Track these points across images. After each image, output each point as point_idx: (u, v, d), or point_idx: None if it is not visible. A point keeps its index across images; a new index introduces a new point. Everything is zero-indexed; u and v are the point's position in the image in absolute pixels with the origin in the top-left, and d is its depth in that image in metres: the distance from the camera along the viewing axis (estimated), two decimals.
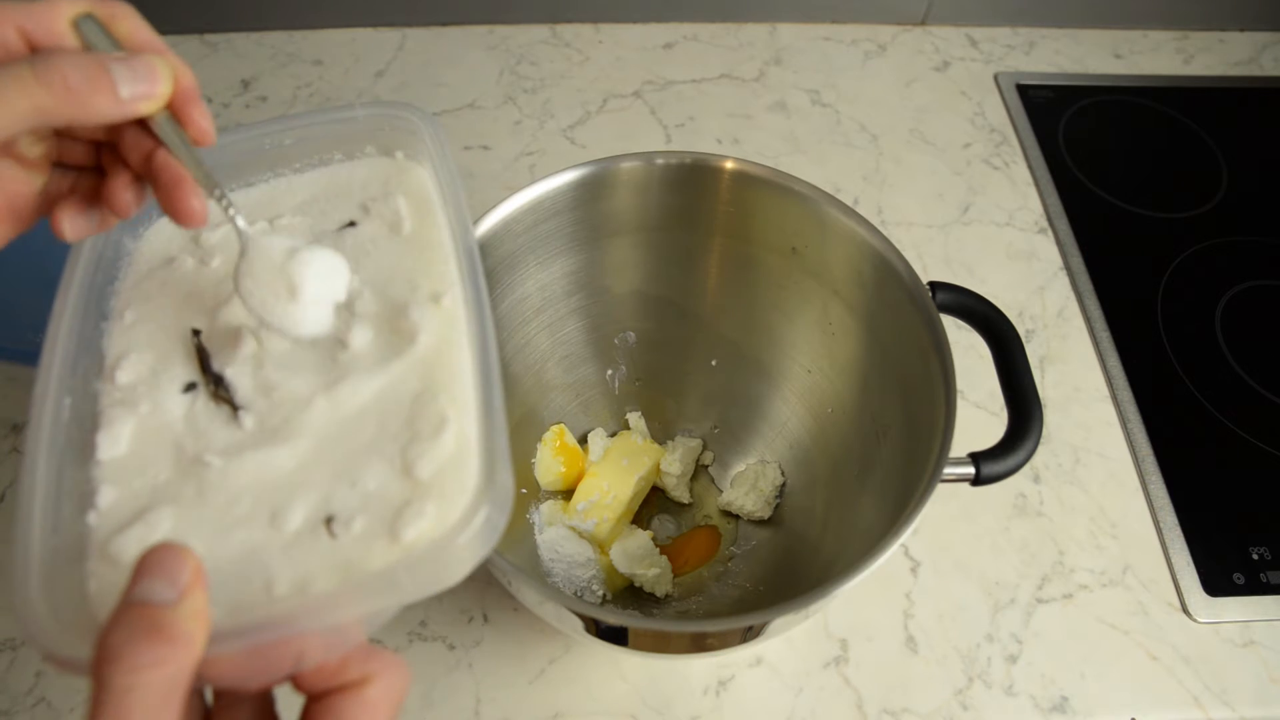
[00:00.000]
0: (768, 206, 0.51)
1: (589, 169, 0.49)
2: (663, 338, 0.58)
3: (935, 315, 0.45)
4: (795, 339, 0.55)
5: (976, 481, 0.43)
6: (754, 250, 0.53)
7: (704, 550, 0.56)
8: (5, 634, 0.52)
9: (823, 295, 0.52)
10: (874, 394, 0.50)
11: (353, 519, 0.27)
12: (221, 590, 0.26)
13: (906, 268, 0.46)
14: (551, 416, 0.58)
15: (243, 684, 0.26)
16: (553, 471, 0.56)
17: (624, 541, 0.54)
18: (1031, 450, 0.43)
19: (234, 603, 0.26)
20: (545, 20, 0.85)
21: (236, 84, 0.80)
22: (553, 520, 0.55)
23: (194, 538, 0.27)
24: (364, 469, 0.28)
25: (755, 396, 0.58)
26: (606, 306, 0.57)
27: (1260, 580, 0.56)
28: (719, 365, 0.58)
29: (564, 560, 0.53)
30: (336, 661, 0.25)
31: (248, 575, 0.27)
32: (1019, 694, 0.52)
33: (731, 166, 0.50)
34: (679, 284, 0.56)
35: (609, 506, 0.54)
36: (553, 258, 0.53)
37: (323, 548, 0.27)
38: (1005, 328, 0.46)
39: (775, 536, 0.56)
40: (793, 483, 0.56)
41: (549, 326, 0.56)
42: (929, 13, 0.86)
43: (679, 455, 0.57)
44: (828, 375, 0.54)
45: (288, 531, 0.27)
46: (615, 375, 0.59)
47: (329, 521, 0.27)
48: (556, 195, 0.49)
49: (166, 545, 0.24)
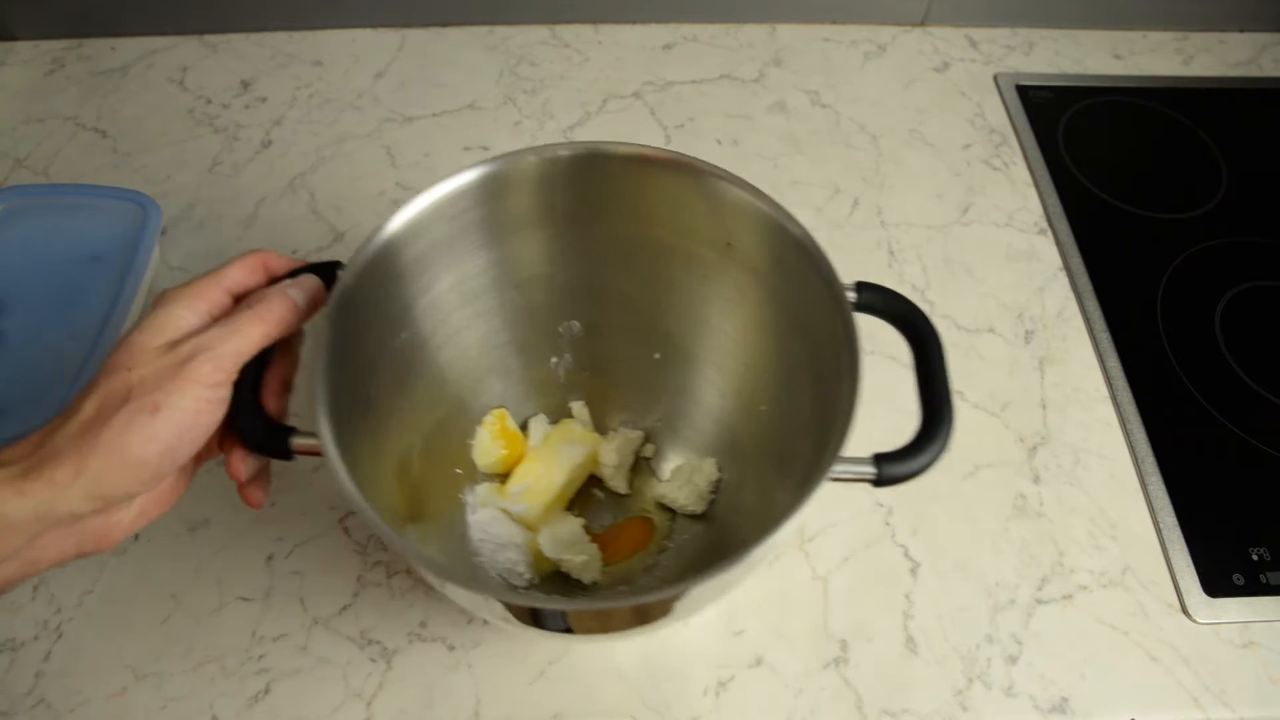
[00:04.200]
0: (681, 195, 0.50)
1: (494, 165, 0.49)
2: (608, 329, 0.58)
3: (847, 309, 0.44)
4: (733, 334, 0.55)
5: (878, 482, 0.42)
6: (688, 244, 0.53)
7: (635, 540, 0.56)
8: (5, 634, 0.52)
9: (757, 292, 0.52)
10: (803, 391, 0.49)
11: None
12: None
13: (825, 263, 0.46)
14: (493, 401, 0.58)
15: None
16: (493, 454, 0.56)
17: (554, 527, 0.54)
18: (937, 453, 0.42)
19: None
20: (545, 21, 0.85)
21: (236, 84, 0.80)
22: (487, 502, 0.55)
23: None
24: None
25: (695, 391, 0.58)
26: (549, 296, 0.56)
27: (1260, 581, 0.56)
28: (662, 359, 0.58)
29: (492, 541, 0.53)
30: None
31: None
32: (1019, 695, 0.52)
33: (626, 152, 0.50)
34: (621, 276, 0.56)
35: (541, 491, 0.54)
36: (486, 245, 0.52)
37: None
38: (925, 329, 0.46)
39: (708, 531, 0.56)
40: (729, 478, 0.56)
41: (484, 314, 0.55)
42: (928, 13, 0.86)
43: (616, 446, 0.57)
44: (762, 372, 0.54)
45: None
46: (560, 364, 0.59)
47: None
48: (463, 192, 0.49)
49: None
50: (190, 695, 0.50)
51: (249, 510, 0.57)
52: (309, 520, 0.56)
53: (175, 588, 0.54)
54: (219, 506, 0.57)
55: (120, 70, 0.80)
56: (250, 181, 0.73)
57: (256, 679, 0.51)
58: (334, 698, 0.50)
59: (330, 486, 0.57)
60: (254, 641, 0.52)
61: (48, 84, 0.79)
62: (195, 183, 0.73)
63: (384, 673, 0.51)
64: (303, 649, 0.52)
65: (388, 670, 0.51)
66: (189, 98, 0.79)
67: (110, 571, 0.54)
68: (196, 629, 0.52)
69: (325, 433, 0.40)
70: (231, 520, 0.56)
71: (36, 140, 0.75)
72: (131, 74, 0.80)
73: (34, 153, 0.74)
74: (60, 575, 0.54)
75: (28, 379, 0.59)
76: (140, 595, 0.54)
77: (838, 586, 0.55)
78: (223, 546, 0.55)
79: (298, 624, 0.53)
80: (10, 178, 0.73)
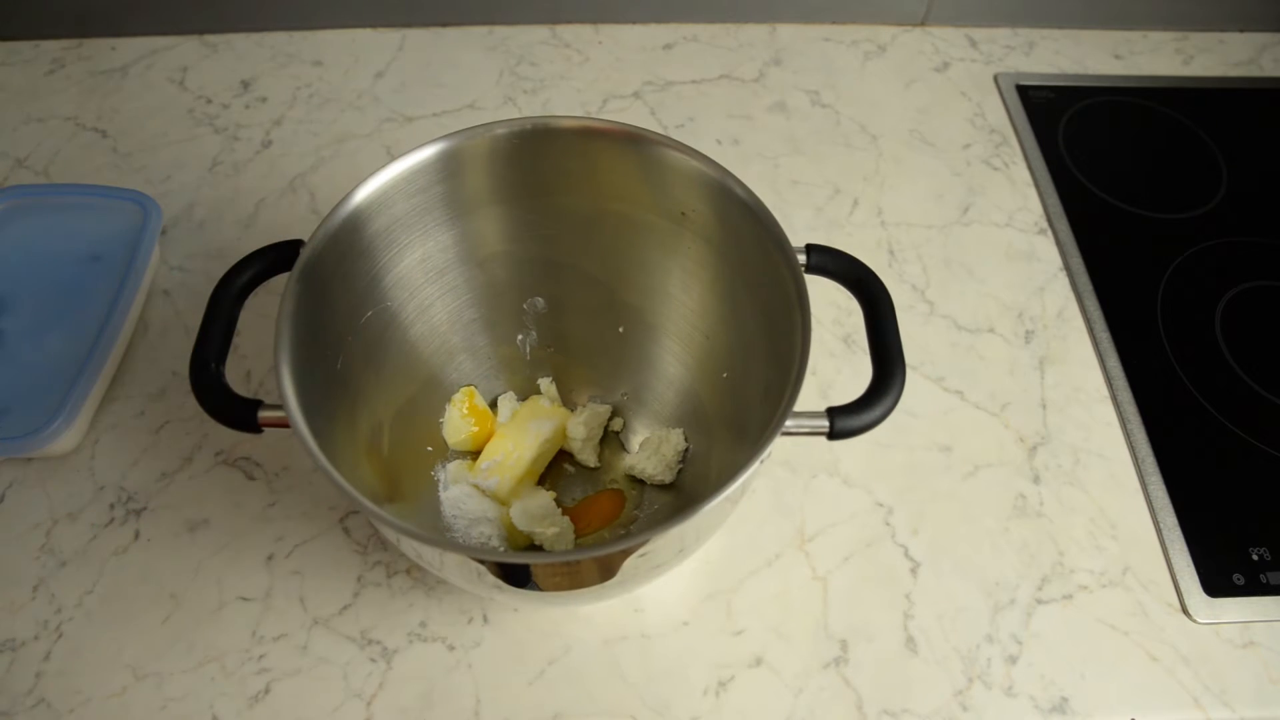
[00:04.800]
0: (630, 165, 0.51)
1: (450, 142, 0.50)
2: (571, 304, 0.59)
3: (798, 269, 0.45)
4: (692, 305, 0.55)
5: (831, 435, 0.43)
6: (643, 215, 0.53)
7: (607, 512, 0.57)
8: (5, 634, 0.52)
9: (714, 260, 0.52)
10: (758, 356, 0.50)
11: None
12: None
13: (775, 226, 0.47)
14: (461, 379, 0.59)
15: None
16: (463, 431, 0.57)
17: (525, 500, 0.55)
18: (890, 406, 0.43)
19: None
20: (545, 21, 0.85)
21: (236, 84, 0.80)
22: (458, 478, 0.56)
23: None
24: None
25: (659, 363, 0.58)
26: (511, 272, 0.57)
27: (1260, 581, 0.56)
28: (625, 332, 0.59)
29: (465, 517, 0.54)
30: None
31: None
32: (1019, 695, 0.52)
33: (574, 125, 0.51)
34: (581, 250, 0.57)
35: (512, 466, 0.55)
36: (449, 222, 0.53)
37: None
38: (877, 288, 0.47)
39: (677, 500, 0.57)
40: (695, 448, 0.57)
41: (451, 290, 0.56)
42: (929, 13, 0.86)
43: (584, 419, 0.58)
44: (722, 340, 0.55)
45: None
46: (526, 341, 0.60)
47: None
48: (422, 169, 0.50)
49: None
50: (190, 695, 0.50)
51: (249, 510, 0.57)
52: (309, 520, 0.56)
53: (175, 588, 0.54)
54: (219, 506, 0.57)
55: (120, 70, 0.80)
56: (250, 181, 0.73)
57: (256, 679, 0.51)
58: (334, 698, 0.50)
59: (331, 486, 0.57)
60: (254, 641, 0.52)
61: (48, 84, 0.79)
62: (195, 183, 0.73)
63: (384, 673, 0.51)
64: (303, 649, 0.52)
65: (388, 670, 0.51)
66: (189, 98, 0.79)
67: (110, 571, 0.54)
68: (196, 629, 0.52)
69: (290, 399, 0.41)
70: (231, 520, 0.56)
71: (36, 140, 0.75)
72: (131, 74, 0.80)
73: (34, 153, 0.74)
74: (60, 575, 0.54)
75: (28, 379, 0.59)
76: (140, 595, 0.54)
77: (838, 586, 0.55)
78: (223, 546, 0.55)
79: (298, 624, 0.53)
80: (10, 178, 0.73)
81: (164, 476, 0.58)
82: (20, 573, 0.54)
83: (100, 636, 0.52)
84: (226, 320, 0.46)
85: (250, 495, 0.57)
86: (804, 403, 0.41)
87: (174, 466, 0.58)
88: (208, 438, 0.59)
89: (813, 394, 0.63)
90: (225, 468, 0.58)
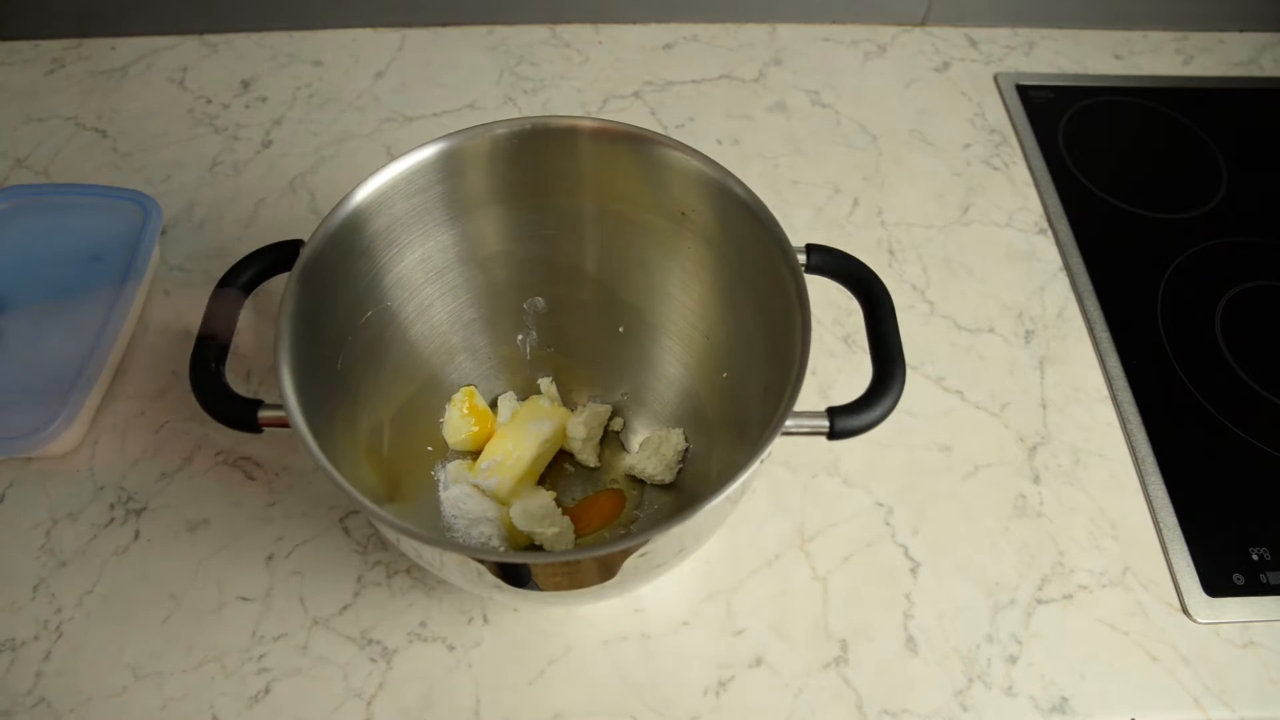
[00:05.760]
0: (630, 165, 0.51)
1: (449, 142, 0.50)
2: (571, 304, 0.59)
3: (798, 269, 0.45)
4: (692, 304, 0.55)
5: (832, 435, 0.43)
6: (643, 215, 0.53)
7: (607, 512, 0.57)
8: (5, 634, 0.52)
9: (714, 260, 0.53)
10: (758, 356, 0.50)
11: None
12: None
13: (775, 226, 0.47)
14: (461, 379, 0.59)
15: None
16: (463, 431, 0.57)
17: (525, 500, 0.55)
18: (890, 406, 0.43)
19: None
20: (545, 21, 0.85)
21: (236, 84, 0.80)
22: (458, 478, 0.56)
23: None
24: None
25: (659, 363, 0.58)
26: (511, 272, 0.57)
27: (1260, 581, 0.56)
28: (625, 332, 0.59)
29: (465, 517, 0.54)
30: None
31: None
32: (1019, 695, 0.52)
33: (574, 125, 0.51)
34: (580, 250, 0.57)
35: (512, 466, 0.55)
36: (449, 221, 0.53)
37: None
38: (876, 287, 0.47)
39: (677, 500, 0.57)
40: (696, 447, 0.57)
41: (451, 290, 0.56)
42: (929, 13, 0.86)
43: (584, 419, 0.58)
44: (722, 340, 0.55)
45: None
46: (526, 341, 0.60)
47: None
48: (421, 169, 0.50)
49: None
50: (190, 695, 0.50)
51: (249, 510, 0.57)
52: (309, 520, 0.56)
53: (175, 587, 0.54)
54: (219, 506, 0.57)
55: (120, 70, 0.80)
56: (250, 181, 0.73)
57: (256, 679, 0.51)
58: (334, 698, 0.50)
59: (331, 486, 0.57)
60: (254, 641, 0.52)
61: (48, 84, 0.79)
62: (195, 183, 0.73)
63: (384, 673, 0.51)
64: (303, 649, 0.52)
65: (388, 670, 0.51)
66: (189, 98, 0.79)
67: (110, 571, 0.54)
68: (196, 629, 0.52)
69: (290, 399, 0.41)
70: (231, 520, 0.56)
71: (36, 140, 0.75)
72: (131, 74, 0.80)
73: (34, 153, 0.74)
74: (60, 575, 0.54)
75: (28, 379, 0.59)
76: (140, 595, 0.54)
77: (838, 586, 0.55)
78: (223, 546, 0.55)
79: (298, 624, 0.53)
80: (10, 178, 0.73)
81: (164, 476, 0.58)
82: (20, 573, 0.54)
83: (100, 636, 0.52)
84: (227, 320, 0.46)
85: (250, 495, 0.57)
86: (804, 403, 0.41)
87: (174, 466, 0.58)
88: (208, 438, 0.59)
89: (813, 394, 0.63)
90: (225, 468, 0.58)
